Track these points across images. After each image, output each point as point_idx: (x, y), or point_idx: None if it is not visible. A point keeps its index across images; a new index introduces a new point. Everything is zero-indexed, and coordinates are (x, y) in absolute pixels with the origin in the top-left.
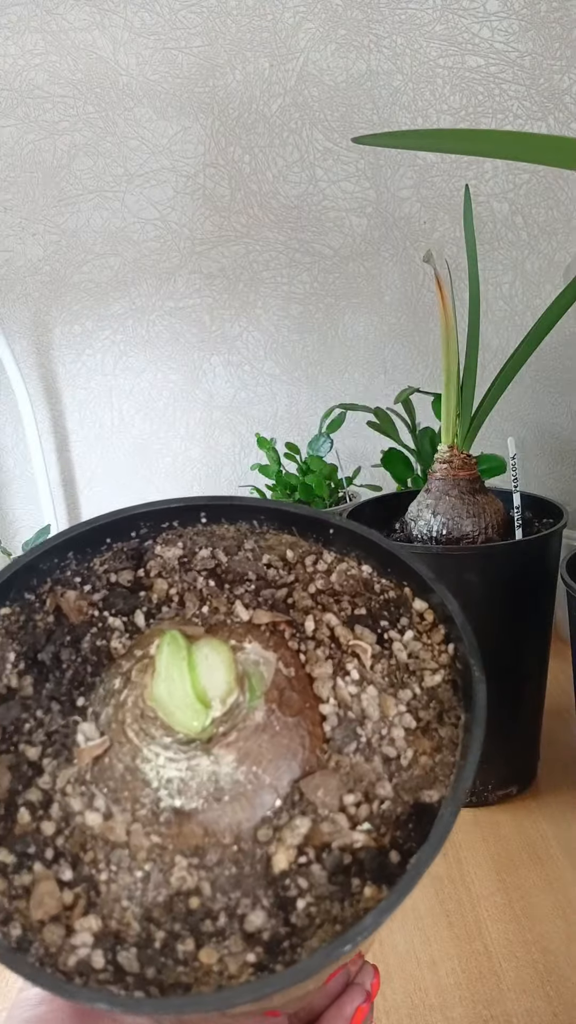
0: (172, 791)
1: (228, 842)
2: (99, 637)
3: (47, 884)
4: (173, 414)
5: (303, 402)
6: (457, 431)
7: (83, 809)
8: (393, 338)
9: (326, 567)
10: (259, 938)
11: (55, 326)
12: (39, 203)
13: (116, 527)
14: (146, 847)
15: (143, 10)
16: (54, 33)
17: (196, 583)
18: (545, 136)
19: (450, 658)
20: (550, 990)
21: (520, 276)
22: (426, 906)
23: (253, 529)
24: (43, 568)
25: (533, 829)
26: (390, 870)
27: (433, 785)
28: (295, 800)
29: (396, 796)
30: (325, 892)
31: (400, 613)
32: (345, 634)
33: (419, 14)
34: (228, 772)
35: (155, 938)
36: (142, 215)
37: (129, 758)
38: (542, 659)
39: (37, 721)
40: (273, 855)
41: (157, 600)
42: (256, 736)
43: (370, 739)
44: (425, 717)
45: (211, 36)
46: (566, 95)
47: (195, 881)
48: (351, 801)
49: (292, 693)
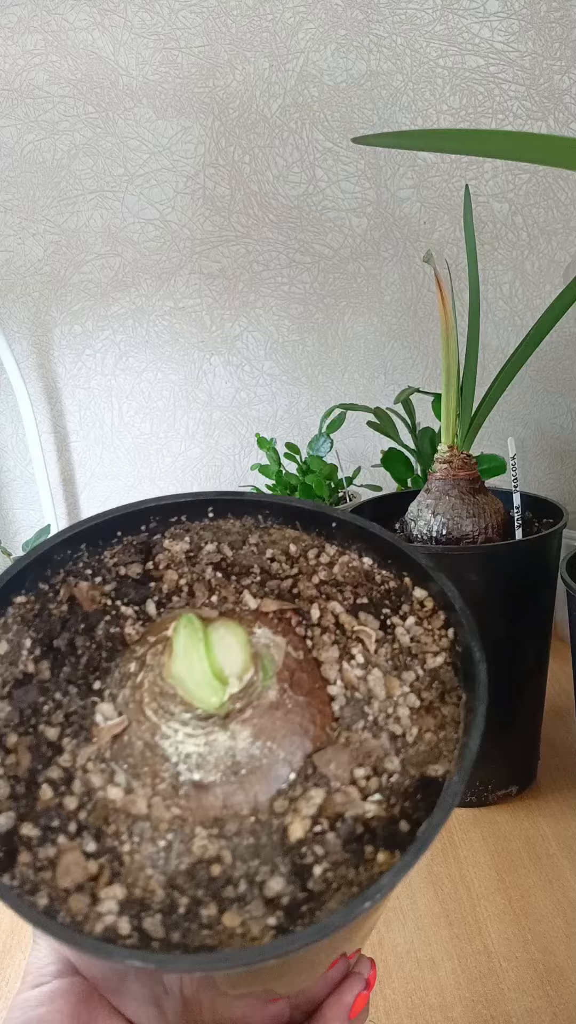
0: (191, 765)
1: (246, 813)
2: (112, 624)
3: (73, 854)
4: (173, 414)
5: (303, 402)
6: (457, 431)
7: (104, 784)
8: (393, 338)
9: (328, 560)
10: (279, 903)
11: (55, 326)
12: (39, 203)
13: (126, 520)
14: (167, 819)
15: (143, 10)
16: (54, 33)
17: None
18: (545, 136)
19: (450, 642)
20: (550, 990)
21: (520, 276)
22: (426, 906)
23: (258, 524)
24: (56, 559)
25: (533, 829)
26: (400, 838)
27: (438, 760)
28: (308, 773)
29: (403, 770)
30: (340, 859)
31: (401, 601)
32: (349, 621)
33: (419, 14)
34: (244, 747)
35: (179, 904)
36: (142, 215)
37: (148, 735)
38: (542, 659)
39: (55, 703)
40: (289, 825)
41: (168, 590)
42: (270, 713)
43: (377, 717)
44: (428, 697)
45: (211, 36)
46: (566, 95)
47: (216, 849)
48: (361, 774)
49: (302, 674)
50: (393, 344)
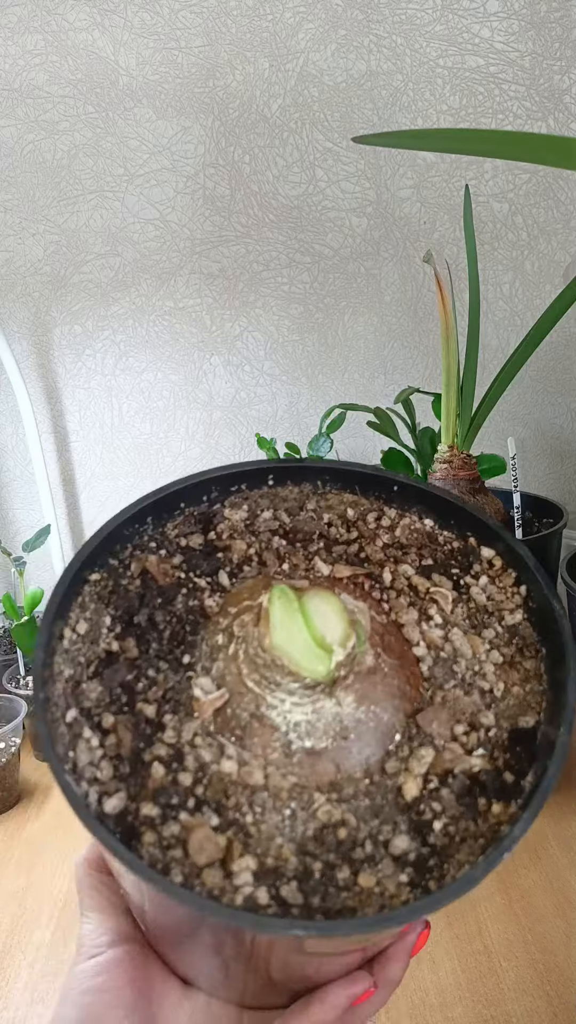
0: (301, 733)
1: (360, 776)
2: (190, 597)
3: (203, 830)
4: (173, 414)
5: (303, 402)
6: (457, 431)
7: (216, 758)
8: (393, 338)
9: (389, 523)
10: (406, 859)
11: (55, 326)
12: (39, 203)
13: (190, 492)
14: (286, 787)
15: (143, 10)
16: (54, 33)
17: (272, 543)
18: (545, 136)
19: (523, 599)
20: (550, 990)
21: (520, 276)
22: None
23: (316, 489)
24: (125, 534)
25: (533, 829)
26: (508, 789)
27: (527, 712)
28: (413, 733)
29: (498, 724)
30: (457, 812)
31: (471, 561)
32: (422, 582)
33: (419, 14)
34: (350, 712)
35: (313, 869)
36: (142, 215)
37: (253, 706)
38: None
39: (150, 680)
40: (403, 784)
41: (238, 559)
42: (369, 678)
43: (465, 675)
44: (509, 653)
45: (211, 36)
46: (566, 95)
47: (340, 813)
48: (461, 731)
49: (390, 638)
50: (393, 344)
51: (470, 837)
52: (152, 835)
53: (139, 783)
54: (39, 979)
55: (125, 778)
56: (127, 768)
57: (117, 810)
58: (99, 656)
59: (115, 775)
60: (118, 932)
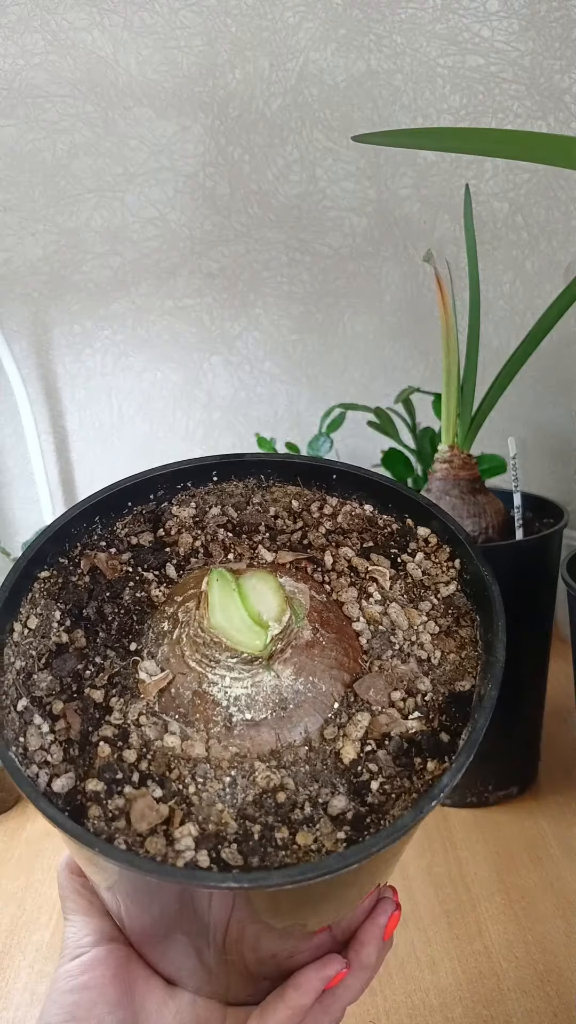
0: (241, 707)
1: (299, 743)
2: (137, 589)
3: (144, 800)
4: (173, 414)
5: (303, 402)
6: (457, 431)
7: (160, 735)
8: (393, 338)
9: (331, 511)
10: (344, 818)
11: (55, 326)
12: (39, 203)
13: (136, 490)
14: (227, 757)
15: (143, 10)
16: (54, 33)
17: (217, 535)
18: (545, 135)
19: (457, 571)
20: (550, 990)
21: (520, 276)
22: (426, 906)
23: (260, 484)
24: (73, 533)
25: (533, 829)
26: (444, 747)
27: (464, 677)
28: (351, 701)
29: (434, 689)
30: (393, 772)
31: (407, 540)
32: (362, 563)
33: (419, 14)
34: (289, 684)
35: (252, 832)
36: (142, 215)
37: (195, 684)
38: (542, 659)
39: (97, 668)
40: (341, 749)
41: (184, 552)
42: (307, 651)
43: (402, 645)
44: (445, 623)
45: (211, 36)
46: (566, 95)
47: (279, 778)
48: (398, 697)
49: (329, 614)
50: (393, 344)
51: (405, 793)
52: (97, 809)
53: (87, 763)
54: (39, 979)
55: (74, 760)
56: (76, 750)
57: (66, 789)
58: (50, 648)
59: (65, 758)
60: (101, 933)
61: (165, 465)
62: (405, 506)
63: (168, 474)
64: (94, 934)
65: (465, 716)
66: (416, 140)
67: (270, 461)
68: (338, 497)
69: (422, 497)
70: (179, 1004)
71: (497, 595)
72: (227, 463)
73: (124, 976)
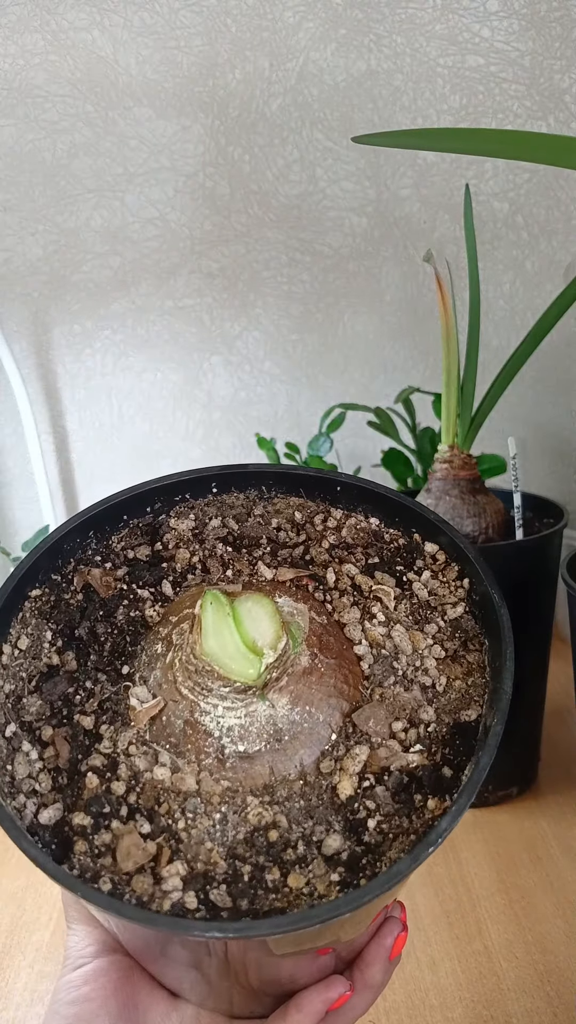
0: (234, 738)
1: (294, 777)
2: (132, 608)
3: (131, 837)
4: (173, 414)
5: (303, 402)
6: (457, 431)
7: (150, 766)
8: (393, 338)
9: (335, 523)
10: (339, 859)
11: (55, 326)
12: (39, 203)
13: (131, 503)
14: (218, 792)
15: (143, 10)
16: (54, 33)
17: (216, 550)
18: (545, 135)
19: (466, 591)
20: (550, 990)
21: (520, 276)
22: (426, 906)
23: (261, 495)
24: (66, 549)
25: (533, 829)
26: (446, 783)
27: (470, 705)
28: (349, 732)
29: (438, 719)
30: (392, 810)
31: (414, 557)
32: (366, 581)
33: (419, 14)
34: (284, 714)
35: (242, 872)
36: (142, 215)
37: (187, 713)
38: (542, 659)
39: (87, 692)
40: (338, 784)
41: (181, 568)
42: (304, 679)
43: (406, 671)
44: (452, 647)
45: (211, 35)
46: (566, 95)
47: (271, 815)
48: (399, 728)
49: (328, 637)
50: (393, 343)
51: (403, 834)
52: (83, 844)
53: (75, 793)
54: (39, 979)
55: (62, 789)
56: (64, 779)
57: (53, 821)
58: (40, 671)
59: (53, 787)
60: (104, 943)
61: (162, 477)
62: (412, 520)
63: (165, 486)
64: (97, 944)
65: (470, 748)
66: (416, 140)
67: (272, 472)
68: (343, 509)
69: (431, 512)
70: (183, 1017)
71: (506, 619)
72: (227, 474)
73: (127, 987)
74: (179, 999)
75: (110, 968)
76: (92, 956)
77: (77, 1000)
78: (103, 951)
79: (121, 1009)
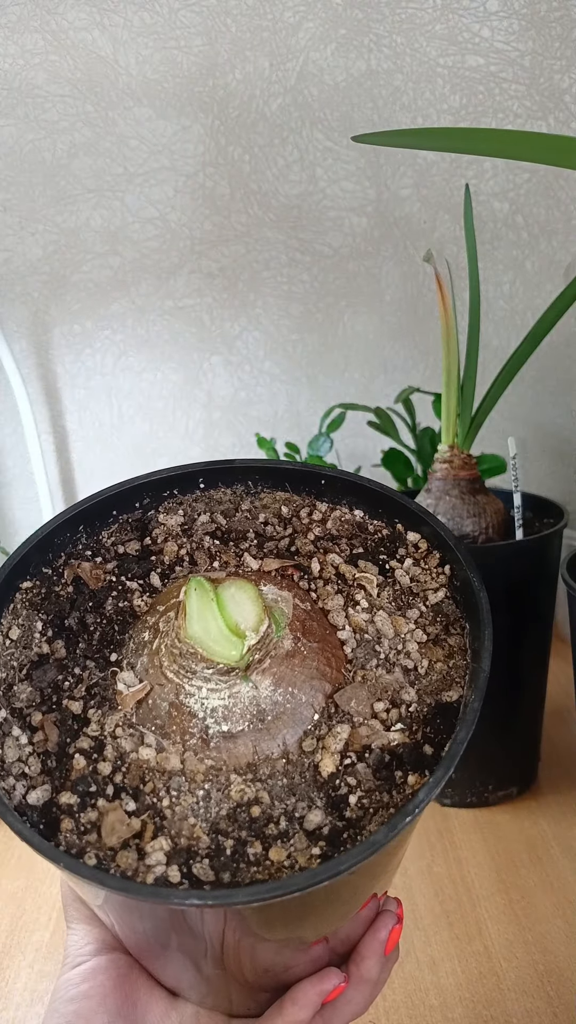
0: (218, 718)
1: (277, 756)
2: (120, 599)
3: (116, 814)
4: (173, 414)
5: (303, 402)
6: (457, 431)
7: (136, 747)
8: (393, 338)
9: (321, 516)
10: (320, 833)
11: (55, 326)
12: (39, 203)
13: (121, 498)
14: (202, 770)
15: (143, 10)
16: (54, 33)
17: (203, 543)
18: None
19: (447, 578)
20: (550, 990)
21: (520, 276)
22: (426, 906)
23: (248, 490)
24: (57, 543)
25: (533, 829)
26: (427, 760)
27: (451, 687)
28: (331, 712)
29: (420, 699)
30: (373, 786)
31: (396, 546)
32: (349, 570)
33: (419, 14)
34: (267, 695)
35: (225, 847)
36: (142, 214)
37: (172, 695)
38: (542, 659)
39: (76, 678)
40: (320, 761)
41: (169, 561)
42: (287, 661)
43: (388, 655)
44: (434, 631)
45: (211, 35)
46: (566, 95)
47: (254, 792)
48: (381, 708)
49: (312, 623)
50: (393, 343)
51: (383, 807)
52: (70, 822)
53: (63, 775)
54: (39, 979)
55: (51, 771)
56: (53, 762)
57: (41, 801)
58: (31, 659)
59: (43, 769)
60: (103, 942)
61: (149, 473)
62: (396, 511)
63: (153, 482)
64: (96, 942)
65: (451, 727)
66: (416, 140)
67: (258, 467)
68: (328, 502)
69: (412, 502)
70: (182, 1016)
71: (485, 602)
72: (214, 470)
73: (126, 986)
74: (179, 998)
75: (109, 966)
76: (91, 954)
77: (76, 998)
78: (102, 949)
79: (120, 1007)
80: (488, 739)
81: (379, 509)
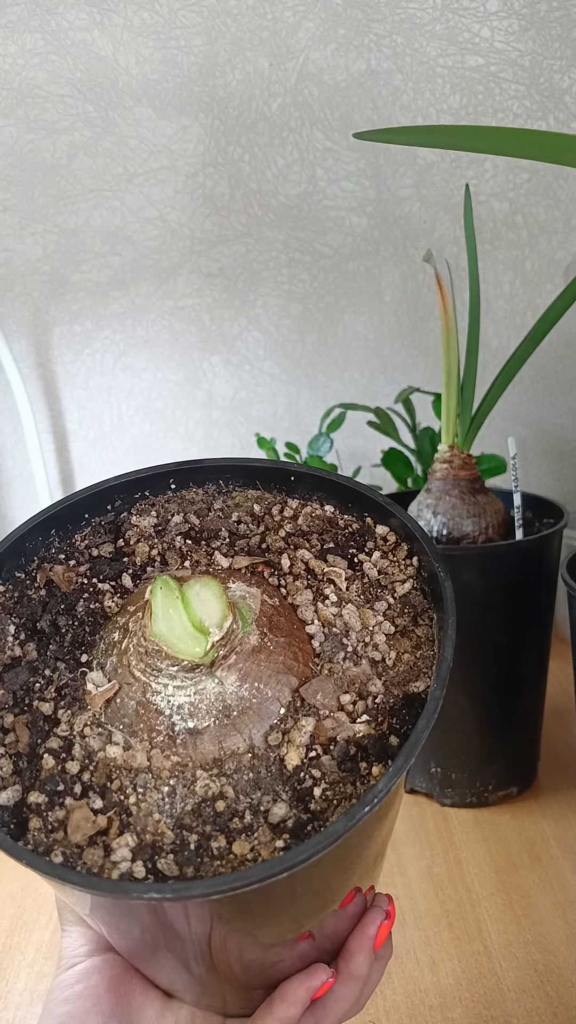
0: (184, 715)
1: (243, 751)
2: (92, 601)
3: (81, 811)
4: (173, 414)
5: (303, 402)
6: (457, 431)
7: (103, 745)
8: (393, 338)
9: (292, 513)
10: (284, 826)
11: (54, 326)
12: (39, 203)
13: (92, 502)
14: (168, 767)
15: (143, 10)
16: (54, 33)
17: (175, 543)
18: (544, 133)
19: (415, 569)
20: (550, 990)
21: (520, 276)
22: (426, 906)
23: (220, 489)
24: (29, 547)
25: (533, 829)
26: (392, 751)
27: (418, 677)
28: (297, 706)
29: (387, 691)
30: (337, 778)
31: (365, 539)
32: (319, 565)
33: (419, 13)
34: (233, 691)
35: (189, 841)
36: (142, 214)
37: (140, 694)
38: (542, 659)
39: (46, 680)
40: (285, 755)
41: (141, 562)
42: (253, 656)
43: (356, 647)
44: (402, 622)
45: (211, 35)
46: (566, 95)
47: (219, 787)
48: (347, 700)
49: (279, 618)
50: (393, 343)
51: (346, 799)
52: (38, 821)
53: (33, 775)
54: (39, 979)
55: (22, 772)
56: (24, 763)
57: (12, 801)
58: (3, 663)
59: (14, 770)
60: (97, 943)
61: (120, 475)
62: (366, 505)
63: (124, 483)
64: (90, 944)
65: (417, 717)
66: (417, 137)
67: (229, 466)
68: (299, 499)
69: (379, 495)
70: (177, 1016)
71: (449, 591)
72: (184, 470)
73: (120, 986)
74: (174, 1000)
75: (103, 967)
76: (85, 956)
77: (70, 998)
78: (97, 950)
79: (114, 1008)
80: (488, 739)
81: (349, 504)
